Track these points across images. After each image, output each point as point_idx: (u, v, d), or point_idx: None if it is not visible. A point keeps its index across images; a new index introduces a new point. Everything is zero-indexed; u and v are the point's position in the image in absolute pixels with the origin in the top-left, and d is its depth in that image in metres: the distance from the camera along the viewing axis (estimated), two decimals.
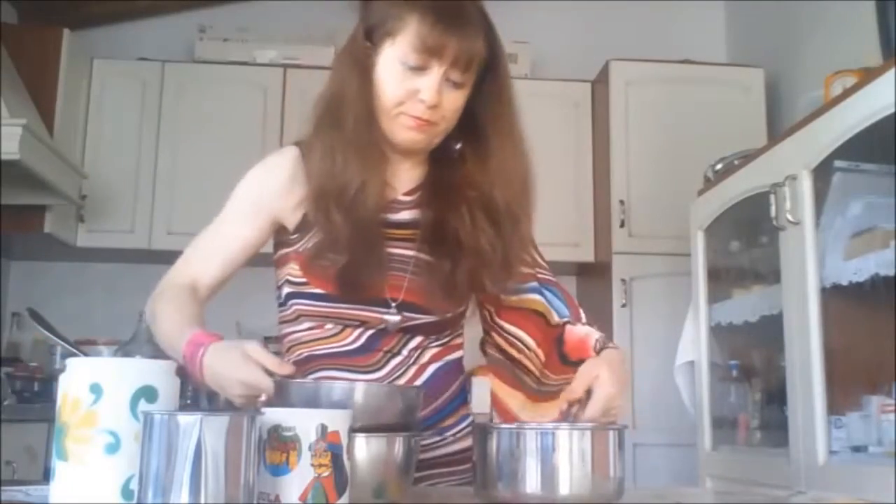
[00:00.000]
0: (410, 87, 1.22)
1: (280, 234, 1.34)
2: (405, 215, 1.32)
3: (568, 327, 1.34)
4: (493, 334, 1.39)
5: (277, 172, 1.31)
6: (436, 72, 1.21)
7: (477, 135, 1.31)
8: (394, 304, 1.27)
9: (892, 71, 1.84)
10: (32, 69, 3.20)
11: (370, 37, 1.26)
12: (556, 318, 1.35)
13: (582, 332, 1.33)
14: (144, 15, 3.89)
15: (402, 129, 1.24)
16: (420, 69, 1.21)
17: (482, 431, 1.00)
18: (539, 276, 1.38)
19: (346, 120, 1.25)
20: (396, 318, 1.27)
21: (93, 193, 3.44)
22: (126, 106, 3.56)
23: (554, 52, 3.84)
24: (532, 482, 0.95)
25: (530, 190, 1.33)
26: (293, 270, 1.28)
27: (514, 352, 1.36)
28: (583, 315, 1.36)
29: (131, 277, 3.70)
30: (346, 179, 1.22)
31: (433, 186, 1.33)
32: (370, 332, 1.28)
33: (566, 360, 1.31)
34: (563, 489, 0.94)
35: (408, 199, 1.33)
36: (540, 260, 1.41)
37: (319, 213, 1.24)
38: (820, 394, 2.07)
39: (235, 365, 1.08)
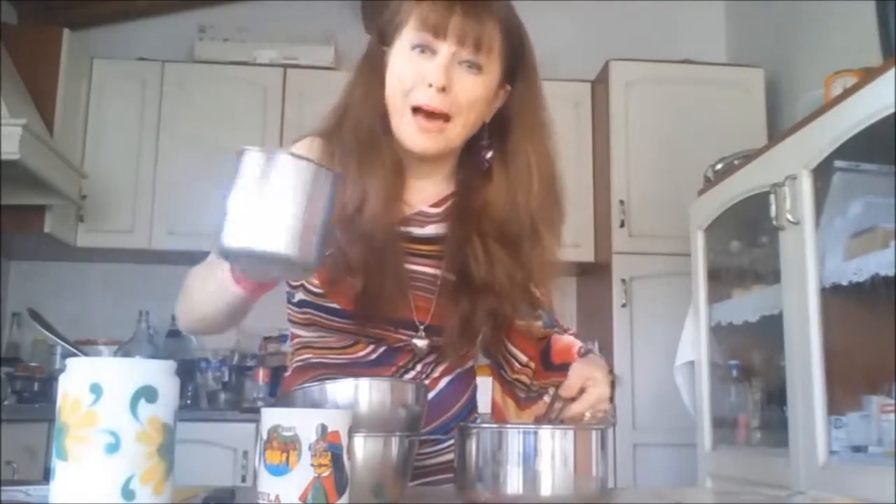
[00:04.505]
0: (418, 70, 1.14)
1: None
2: (431, 229, 1.23)
3: (554, 337, 1.33)
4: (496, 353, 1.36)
5: None
6: (444, 52, 1.13)
7: (506, 144, 1.23)
8: (422, 327, 1.19)
9: (892, 71, 1.84)
10: (32, 69, 3.20)
11: (384, 39, 1.21)
12: (541, 331, 1.34)
13: (567, 340, 1.32)
14: (144, 15, 3.89)
15: (413, 132, 1.15)
16: (428, 50, 1.14)
17: (462, 432, 1.00)
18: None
19: (346, 128, 1.19)
20: (424, 342, 1.21)
21: (93, 193, 3.44)
22: (126, 106, 3.56)
23: (554, 52, 3.82)
24: (513, 482, 0.94)
25: (559, 203, 1.26)
26: (311, 279, 1.21)
27: (511, 373, 1.33)
28: (563, 325, 1.36)
29: (131, 277, 3.70)
30: (363, 191, 1.14)
31: (459, 204, 1.24)
32: (385, 347, 1.23)
33: (550, 366, 1.31)
34: (545, 489, 0.93)
35: (435, 210, 1.25)
36: None
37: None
38: (820, 394, 2.07)
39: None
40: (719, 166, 2.82)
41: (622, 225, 3.39)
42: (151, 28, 3.90)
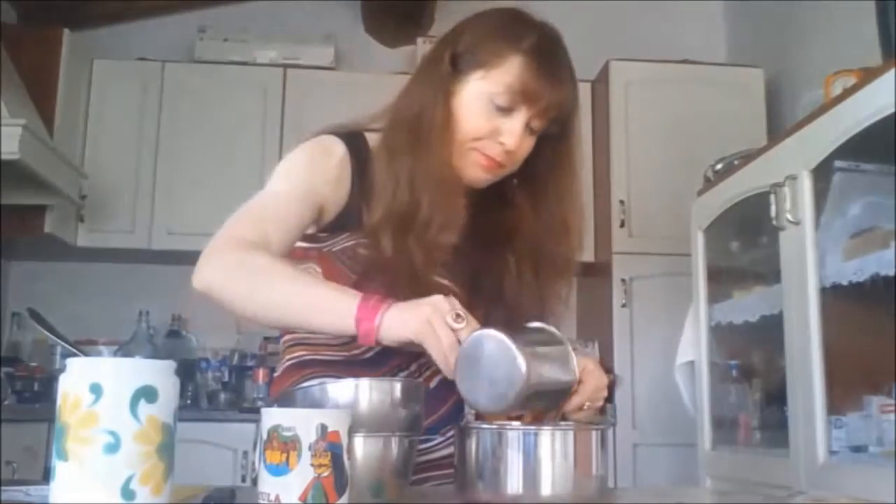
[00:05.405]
0: (493, 126, 1.20)
1: None
2: None
3: None
4: None
5: (330, 161, 1.23)
6: (522, 116, 1.20)
7: (535, 182, 1.29)
8: None
9: (892, 71, 1.84)
10: (32, 69, 3.19)
11: (455, 62, 1.23)
12: None
13: None
14: (144, 15, 3.89)
15: (473, 166, 1.22)
16: (507, 110, 1.19)
17: (462, 431, 1.00)
18: None
19: (428, 151, 1.20)
20: None
21: (93, 193, 3.44)
22: (126, 106, 3.56)
23: None
24: (513, 482, 0.94)
25: (580, 247, 1.33)
26: (313, 271, 1.23)
27: None
28: None
29: (131, 277, 3.70)
30: (430, 216, 1.18)
31: (473, 219, 1.27)
32: (380, 346, 1.19)
33: None
34: (545, 489, 0.93)
35: None
36: None
37: (390, 239, 1.17)
38: (820, 394, 2.07)
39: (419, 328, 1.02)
40: (719, 166, 2.81)
41: (622, 225, 3.39)
42: (151, 28, 3.90)
